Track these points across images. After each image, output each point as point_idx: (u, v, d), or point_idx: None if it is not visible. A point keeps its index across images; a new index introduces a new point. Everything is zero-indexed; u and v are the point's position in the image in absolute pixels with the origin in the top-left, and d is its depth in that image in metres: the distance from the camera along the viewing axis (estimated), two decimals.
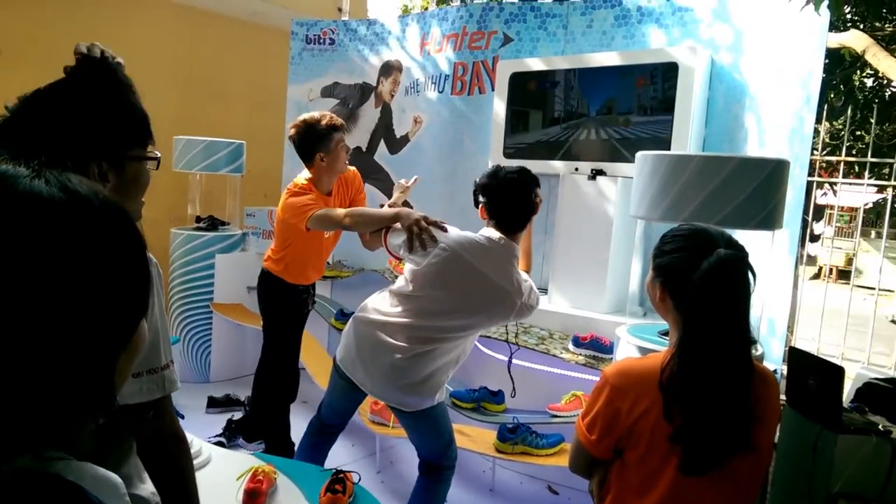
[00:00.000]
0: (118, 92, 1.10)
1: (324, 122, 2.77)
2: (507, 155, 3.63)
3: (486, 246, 2.10)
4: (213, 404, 3.80)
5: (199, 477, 2.04)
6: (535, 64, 3.54)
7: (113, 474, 0.62)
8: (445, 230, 2.17)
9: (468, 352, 2.27)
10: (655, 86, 3.12)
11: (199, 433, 2.88)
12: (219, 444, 3.17)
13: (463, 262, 2.07)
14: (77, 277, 0.56)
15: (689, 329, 1.28)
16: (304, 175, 2.87)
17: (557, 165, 3.44)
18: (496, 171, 2.14)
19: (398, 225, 2.22)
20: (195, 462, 2.06)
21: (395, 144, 4.31)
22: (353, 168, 3.09)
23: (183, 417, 2.16)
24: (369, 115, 4.42)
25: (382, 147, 4.37)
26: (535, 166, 3.55)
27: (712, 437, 1.23)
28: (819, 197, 5.79)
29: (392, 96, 4.32)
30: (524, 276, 2.17)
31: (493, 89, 3.74)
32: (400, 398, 2.19)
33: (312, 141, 2.77)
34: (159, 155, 1.16)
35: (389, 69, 4.33)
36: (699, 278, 1.25)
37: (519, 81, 3.59)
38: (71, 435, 0.60)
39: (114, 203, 0.61)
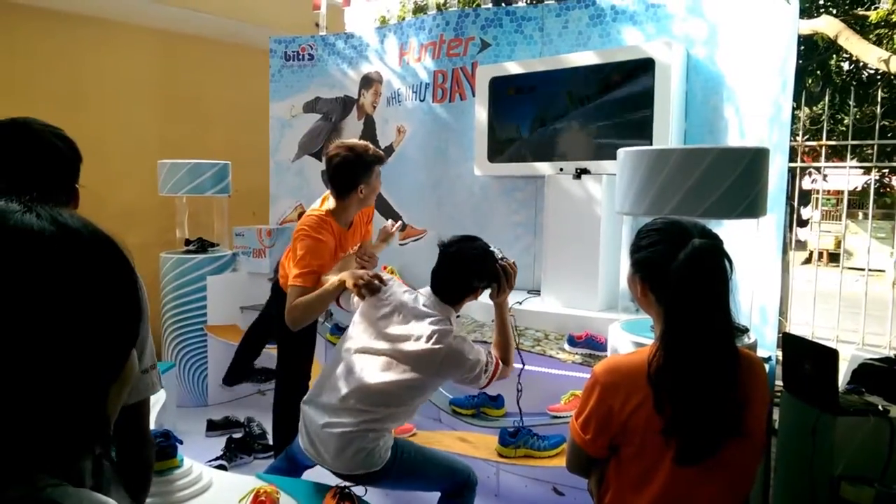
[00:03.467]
0: (54, 134, 1.22)
1: (370, 153, 2.60)
2: (491, 159, 3.64)
3: (419, 304, 2.13)
4: (213, 427, 3.78)
5: (201, 501, 2.03)
6: (514, 67, 3.56)
7: (110, 500, 0.62)
8: (384, 283, 2.21)
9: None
10: (633, 82, 3.15)
11: (200, 457, 2.85)
12: (220, 467, 3.16)
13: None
14: (69, 309, 0.56)
15: (671, 320, 1.29)
16: (320, 205, 2.71)
17: (542, 167, 3.45)
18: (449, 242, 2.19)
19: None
20: (195, 487, 2.05)
21: None
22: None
23: (181, 443, 2.15)
24: (352, 127, 4.42)
25: None
26: (519, 169, 3.60)
27: (704, 425, 1.24)
28: (807, 182, 5.84)
29: (374, 108, 4.34)
30: (471, 347, 2.11)
31: (473, 95, 3.75)
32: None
33: (359, 170, 2.57)
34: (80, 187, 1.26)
35: (370, 81, 4.34)
36: (676, 269, 1.26)
37: (498, 86, 3.60)
38: (67, 465, 0.60)
39: (104, 235, 0.62)
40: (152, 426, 2.55)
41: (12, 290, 0.53)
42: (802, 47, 5.15)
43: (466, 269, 2.10)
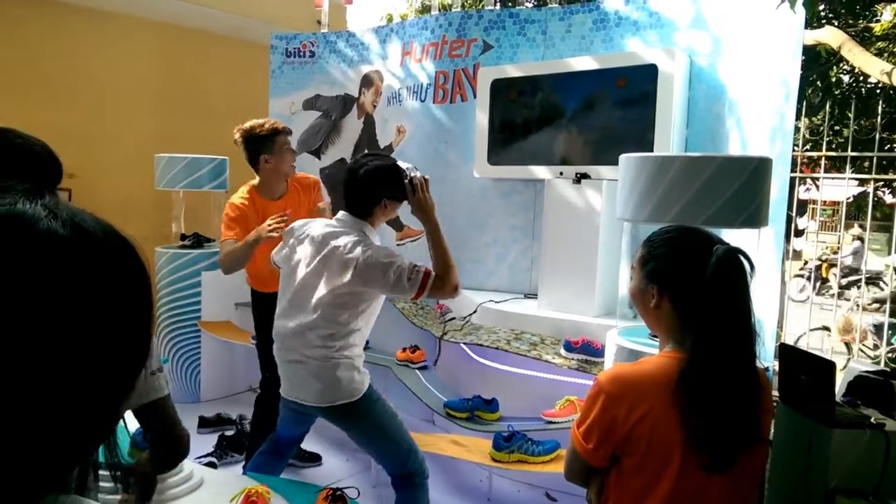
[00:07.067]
0: (34, 143, 1.29)
1: (266, 126, 2.93)
2: (491, 162, 3.63)
3: (334, 224, 2.27)
4: (205, 424, 3.76)
5: (192, 500, 2.00)
6: (516, 70, 3.55)
7: None
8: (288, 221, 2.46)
9: (370, 324, 2.29)
10: (636, 88, 3.14)
11: (191, 454, 2.83)
12: (210, 464, 3.13)
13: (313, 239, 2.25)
14: (100, 321, 0.54)
15: (707, 329, 1.24)
16: (244, 189, 3.05)
17: (542, 170, 3.44)
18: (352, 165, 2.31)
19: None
20: (186, 486, 2.03)
21: None
22: (313, 176, 3.33)
23: None
24: (352, 126, 4.40)
25: None
26: (518, 172, 3.58)
27: (735, 434, 1.21)
28: (802, 192, 5.84)
29: (374, 107, 4.32)
30: (384, 251, 2.19)
31: (474, 97, 3.74)
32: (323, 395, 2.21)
33: (256, 143, 2.93)
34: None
35: (370, 80, 4.33)
36: (711, 275, 1.22)
37: (500, 88, 3.59)
38: (70, 472, 0.58)
39: (129, 243, 0.60)
40: None
41: (46, 301, 0.51)
42: (804, 57, 5.15)
43: (370, 181, 2.19)
